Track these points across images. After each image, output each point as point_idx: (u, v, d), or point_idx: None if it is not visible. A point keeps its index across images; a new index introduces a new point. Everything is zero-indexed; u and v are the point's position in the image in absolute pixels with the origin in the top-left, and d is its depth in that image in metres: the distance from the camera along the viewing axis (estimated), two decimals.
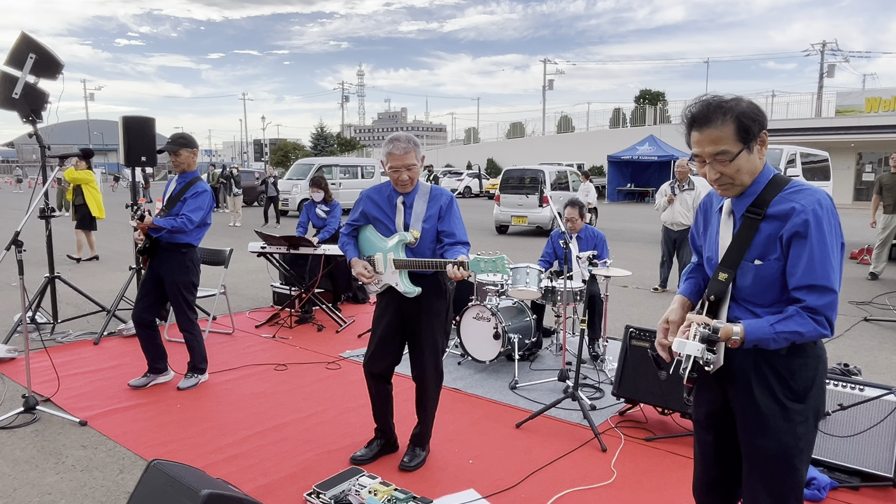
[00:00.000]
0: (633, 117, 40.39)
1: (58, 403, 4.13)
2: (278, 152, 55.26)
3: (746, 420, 1.89)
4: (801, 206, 1.76)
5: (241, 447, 3.56)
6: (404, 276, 3.17)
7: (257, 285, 8.41)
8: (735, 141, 1.78)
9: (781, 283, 1.81)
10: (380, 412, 3.44)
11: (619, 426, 3.87)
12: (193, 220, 4.28)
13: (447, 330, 3.35)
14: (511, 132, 47.47)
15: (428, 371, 3.28)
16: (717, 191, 1.91)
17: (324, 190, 6.77)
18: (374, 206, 3.28)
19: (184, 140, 4.35)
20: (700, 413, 2.08)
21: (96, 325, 6.04)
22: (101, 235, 14.77)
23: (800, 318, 1.73)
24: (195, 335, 4.51)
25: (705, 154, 1.82)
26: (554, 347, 5.41)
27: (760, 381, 1.85)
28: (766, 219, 1.82)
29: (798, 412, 1.83)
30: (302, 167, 21.41)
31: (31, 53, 5.25)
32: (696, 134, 1.83)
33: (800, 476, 1.86)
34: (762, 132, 1.82)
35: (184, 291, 4.39)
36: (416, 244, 3.18)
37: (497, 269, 2.88)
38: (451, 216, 3.21)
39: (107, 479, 3.18)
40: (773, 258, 1.80)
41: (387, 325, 3.29)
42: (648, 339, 3.89)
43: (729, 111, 1.78)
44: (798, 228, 1.75)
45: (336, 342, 5.70)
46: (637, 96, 47.94)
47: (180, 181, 4.40)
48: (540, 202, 14.42)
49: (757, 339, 1.74)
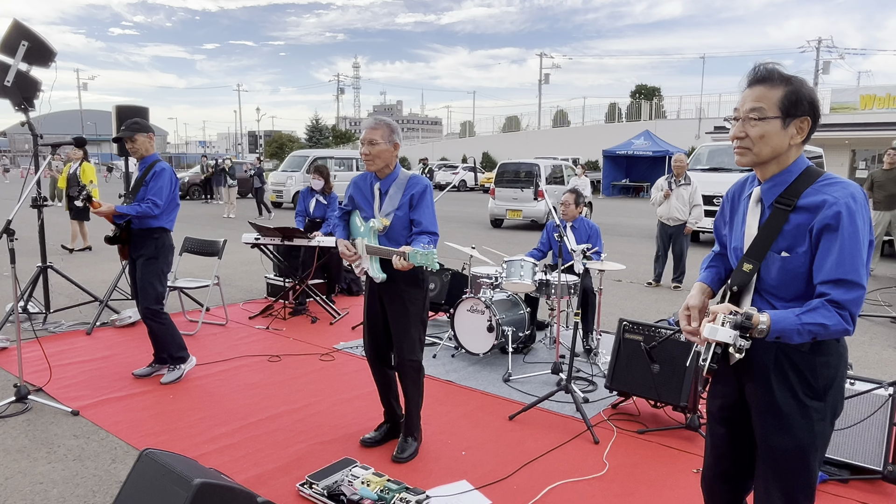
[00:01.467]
0: (629, 112, 40.39)
1: (50, 393, 4.11)
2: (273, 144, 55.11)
3: (764, 416, 1.86)
4: (833, 198, 1.71)
5: (233, 437, 3.56)
6: (375, 262, 3.25)
7: (251, 277, 8.39)
8: (775, 106, 1.75)
9: (807, 277, 1.76)
10: (383, 395, 3.53)
11: (612, 419, 3.89)
12: (159, 203, 4.19)
13: (424, 319, 3.37)
14: (507, 126, 47.41)
15: (405, 360, 3.31)
16: (736, 156, 1.86)
17: (325, 179, 6.70)
18: (358, 192, 3.38)
19: (138, 125, 4.28)
20: (714, 406, 2.05)
21: (89, 315, 6.02)
22: (95, 226, 14.69)
23: (825, 311, 1.66)
24: (163, 324, 4.34)
25: (743, 110, 1.80)
26: (547, 340, 5.42)
27: (781, 378, 1.81)
28: (797, 210, 1.77)
29: (817, 410, 1.79)
30: (296, 159, 21.34)
31: (23, 41, 5.20)
32: (746, 91, 1.81)
33: (813, 474, 1.84)
34: (806, 118, 1.77)
35: (152, 278, 4.26)
36: (384, 231, 3.25)
37: (427, 263, 2.95)
38: (421, 205, 3.24)
39: (99, 469, 3.17)
40: (800, 251, 1.76)
41: (372, 309, 3.39)
42: (642, 332, 3.90)
43: (787, 81, 1.76)
44: (829, 220, 1.69)
45: (330, 334, 5.69)
46: (633, 91, 47.93)
47: (141, 167, 4.33)
48: (535, 196, 14.43)
49: (782, 330, 1.67)
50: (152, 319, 4.32)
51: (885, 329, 6.29)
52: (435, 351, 5.14)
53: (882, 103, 27.40)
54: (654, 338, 3.80)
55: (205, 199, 23.04)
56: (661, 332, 3.84)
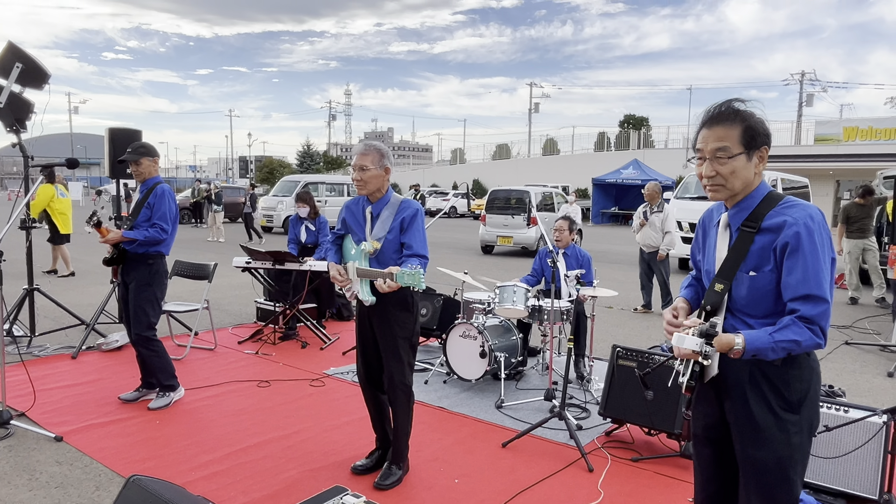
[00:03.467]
0: (618, 141, 40.93)
1: (33, 418, 4.02)
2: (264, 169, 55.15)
3: (742, 430, 1.91)
4: (793, 219, 1.82)
5: (221, 464, 3.48)
6: (365, 285, 3.23)
7: (241, 301, 8.32)
8: (738, 143, 1.87)
9: (775, 294, 1.86)
10: (375, 420, 3.49)
11: (606, 446, 3.85)
12: (166, 228, 4.19)
13: (414, 343, 3.34)
14: (497, 153, 47.82)
15: (395, 384, 3.27)
16: (708, 193, 1.96)
17: (310, 205, 6.72)
18: (351, 216, 3.39)
19: (144, 149, 4.29)
20: (698, 427, 2.09)
21: (74, 339, 5.93)
22: (81, 250, 14.56)
23: (796, 328, 1.76)
24: (155, 352, 4.27)
25: (707, 150, 1.91)
26: (540, 367, 5.39)
27: (756, 392, 1.88)
28: (761, 232, 1.88)
29: (793, 423, 1.85)
30: (287, 184, 21.35)
31: (17, 62, 5.21)
32: (705, 131, 1.92)
33: (794, 487, 1.87)
34: (764, 147, 1.90)
35: (144, 304, 4.20)
36: (374, 254, 3.24)
37: (413, 283, 2.94)
38: (412, 229, 3.24)
39: (82, 497, 3.08)
40: (767, 269, 1.86)
41: (360, 334, 3.38)
42: (635, 358, 3.89)
43: (739, 116, 1.89)
44: (790, 240, 1.81)
45: (320, 359, 5.63)
46: (621, 121, 48.63)
47: (142, 189, 4.32)
48: (528, 222, 14.48)
49: (757, 349, 1.77)
50: (144, 347, 4.26)
51: (875, 357, 6.32)
52: (426, 377, 5.09)
53: (864, 135, 27.98)
54: (648, 364, 3.79)
55: (194, 223, 22.98)
56: (654, 358, 3.83)
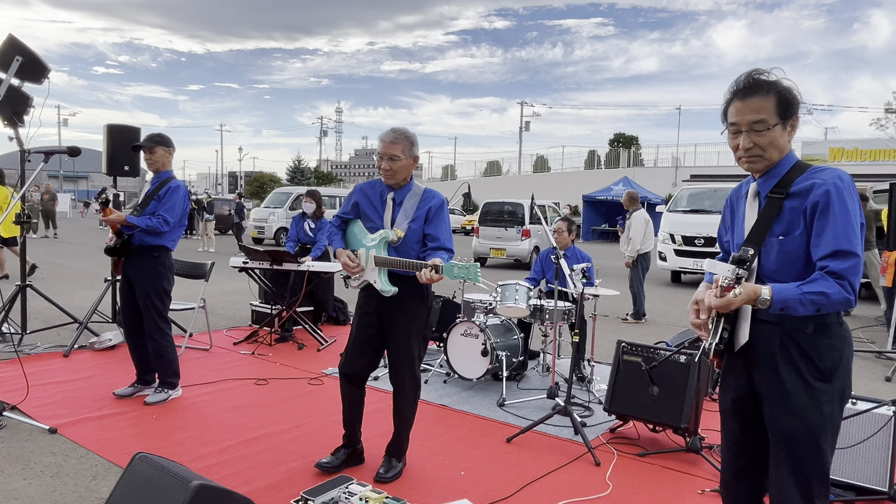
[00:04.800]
0: (608, 159, 41.27)
1: (25, 411, 3.91)
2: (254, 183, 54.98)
3: (772, 400, 1.89)
4: (822, 180, 1.84)
5: (221, 456, 3.40)
6: (383, 275, 3.12)
7: (235, 305, 8.22)
8: (774, 113, 1.88)
9: (804, 259, 1.85)
10: (349, 417, 3.32)
11: (611, 442, 3.81)
12: (170, 221, 4.11)
13: (426, 336, 3.28)
14: (488, 170, 48.06)
15: (404, 375, 3.19)
16: (744, 165, 1.96)
17: (317, 203, 6.65)
18: (366, 200, 3.25)
19: (160, 138, 4.25)
20: (727, 400, 2.07)
21: (66, 337, 5.81)
22: (72, 257, 14.40)
23: (824, 281, 1.75)
24: (166, 346, 4.24)
25: (743, 123, 1.90)
26: (540, 368, 5.35)
27: (786, 361, 1.86)
28: (789, 197, 1.89)
29: (824, 392, 1.84)
30: (279, 196, 21.26)
31: (17, 56, 5.16)
32: (739, 103, 1.91)
33: (825, 458, 1.84)
34: (797, 116, 1.92)
35: (153, 297, 4.16)
36: (398, 243, 3.13)
37: (468, 276, 2.85)
38: (438, 220, 3.16)
39: (79, 486, 3.00)
40: (796, 234, 1.86)
41: (365, 325, 3.21)
42: (640, 353, 3.86)
43: (773, 87, 1.89)
44: (819, 199, 1.81)
45: (318, 360, 5.56)
46: (611, 139, 49.11)
47: (154, 181, 4.27)
48: (529, 222, 14.48)
49: (784, 301, 1.75)
50: (157, 340, 4.20)
51: (871, 363, 6.34)
52: (427, 377, 5.03)
53: (850, 156, 28.50)
54: (654, 359, 3.77)
55: (185, 234, 22.79)
56: (660, 353, 3.81)
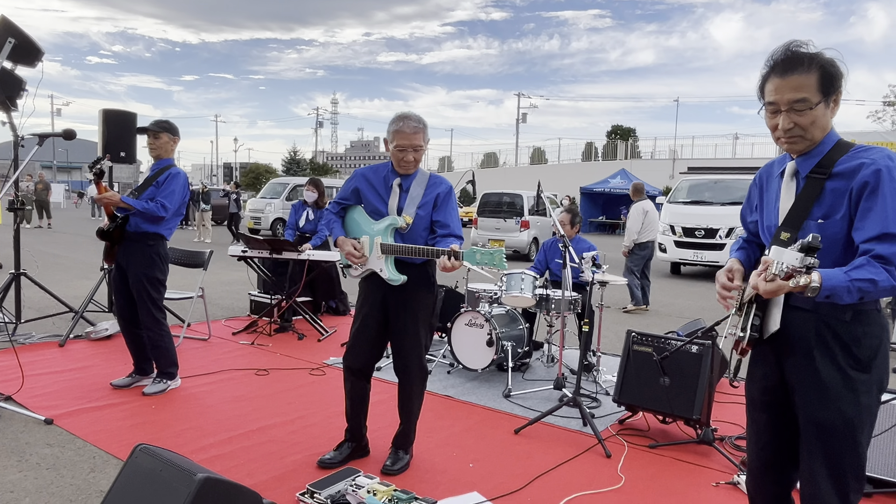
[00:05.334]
0: (605, 151, 41.18)
1: (20, 402, 3.81)
2: (249, 174, 54.66)
3: (807, 392, 1.79)
4: (871, 159, 1.71)
5: (223, 448, 3.31)
6: (390, 263, 3.01)
7: (233, 296, 8.11)
8: (816, 91, 1.74)
9: (844, 243, 1.75)
10: (354, 411, 3.22)
11: (621, 434, 3.73)
12: (168, 207, 3.98)
13: (433, 325, 3.18)
14: (485, 162, 47.90)
15: (411, 365, 3.10)
16: (784, 145, 1.84)
17: (319, 192, 6.53)
18: (368, 186, 3.13)
19: (167, 125, 4.15)
20: (755, 391, 1.98)
21: (61, 327, 5.70)
22: (67, 247, 14.26)
23: (872, 267, 1.63)
24: (163, 335, 4.13)
25: (783, 102, 1.77)
26: (544, 358, 5.27)
27: (823, 350, 1.76)
28: (832, 177, 1.77)
29: (862, 382, 1.74)
30: (276, 186, 21.07)
31: (9, 38, 5.02)
32: (777, 80, 1.78)
33: (862, 452, 1.76)
34: (840, 91, 1.78)
35: (148, 287, 4.04)
36: (407, 230, 3.02)
37: (493, 263, 2.73)
38: (447, 207, 3.06)
39: (76, 478, 2.90)
40: (837, 217, 1.75)
41: (370, 316, 3.10)
42: (651, 343, 3.79)
43: (814, 61, 1.74)
44: (869, 179, 1.69)
45: (319, 350, 5.46)
46: (609, 131, 48.97)
47: (154, 167, 4.15)
48: (530, 213, 14.39)
49: (833, 288, 1.62)
50: (153, 330, 4.09)
51: None
52: (430, 368, 4.94)
53: None
54: (666, 349, 3.69)
55: (181, 224, 22.61)
56: (671, 343, 3.73)
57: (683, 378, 3.61)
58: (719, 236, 11.73)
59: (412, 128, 2.93)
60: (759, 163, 21.35)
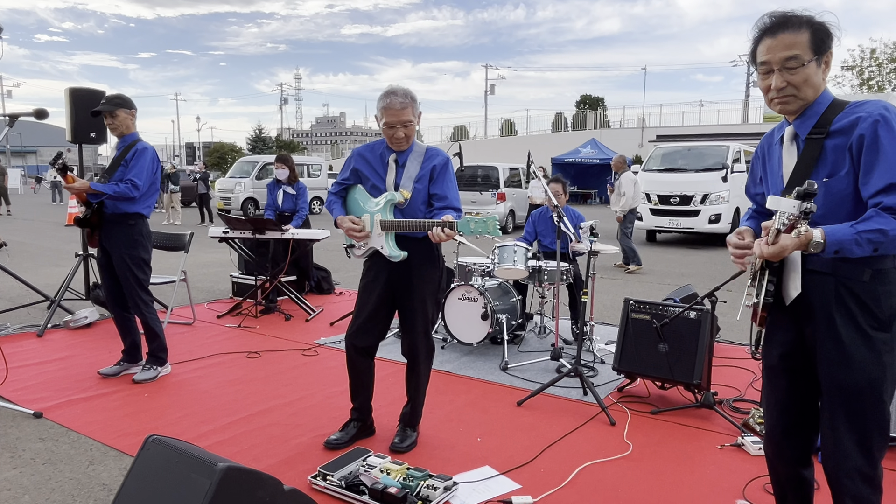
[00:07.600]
0: (575, 122, 41.21)
1: (5, 396, 3.66)
2: (214, 154, 53.45)
3: (828, 354, 1.79)
4: (866, 112, 1.71)
5: (224, 433, 3.23)
6: (390, 239, 2.95)
7: (212, 278, 7.94)
8: (808, 49, 1.75)
9: (853, 199, 1.74)
10: (360, 390, 3.17)
11: (622, 401, 3.76)
12: (138, 185, 3.82)
13: (439, 300, 3.13)
14: (455, 135, 47.60)
15: (419, 342, 3.06)
16: (777, 106, 1.83)
17: (289, 167, 6.36)
18: (365, 164, 3.07)
19: (120, 100, 3.95)
20: (773, 357, 1.97)
21: (37, 317, 5.50)
22: (29, 233, 13.78)
23: (880, 218, 1.62)
24: (151, 318, 4.02)
25: (775, 60, 1.77)
26: (537, 330, 5.28)
27: (843, 311, 1.76)
28: (831, 136, 1.77)
29: (884, 341, 1.74)
30: (244, 165, 20.65)
31: None
32: (769, 40, 1.78)
33: (885, 409, 1.77)
34: (831, 50, 1.78)
35: (133, 267, 3.91)
36: (405, 205, 2.97)
37: (488, 230, 2.68)
38: (444, 178, 3.00)
39: (75, 472, 2.80)
40: (842, 173, 1.74)
41: (374, 294, 3.05)
42: (649, 311, 3.80)
43: (805, 20, 1.76)
44: (865, 132, 1.69)
45: (308, 330, 5.38)
46: (578, 101, 49.00)
47: (120, 146, 3.97)
48: (529, 184, 14.36)
49: (839, 242, 1.61)
50: (141, 311, 3.97)
51: None
52: None
53: None
54: (665, 316, 3.71)
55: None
56: (669, 309, 3.74)
57: (682, 344, 3.63)
58: (694, 203, 11.88)
59: (399, 104, 2.85)
60: (725, 129, 21.68)
